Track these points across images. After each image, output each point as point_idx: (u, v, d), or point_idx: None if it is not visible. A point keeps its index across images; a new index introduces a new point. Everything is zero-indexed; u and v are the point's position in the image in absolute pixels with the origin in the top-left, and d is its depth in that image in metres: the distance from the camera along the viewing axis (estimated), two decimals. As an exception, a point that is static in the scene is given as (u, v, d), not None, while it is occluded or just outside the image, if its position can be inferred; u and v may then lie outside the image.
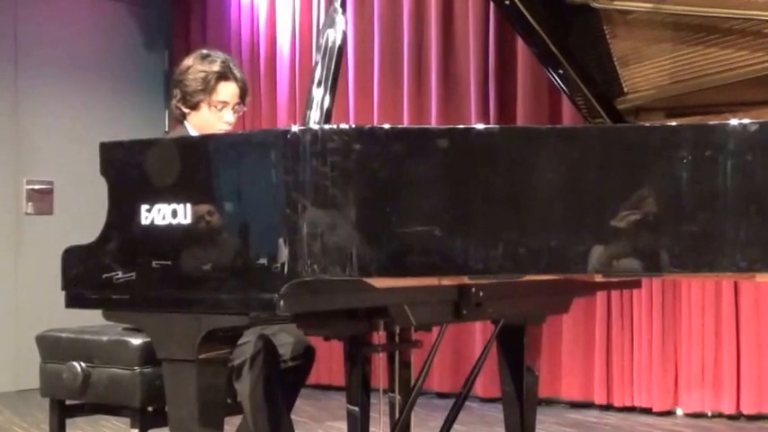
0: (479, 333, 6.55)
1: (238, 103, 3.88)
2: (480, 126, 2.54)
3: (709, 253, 2.43)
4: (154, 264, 2.61)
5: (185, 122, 3.89)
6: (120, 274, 2.65)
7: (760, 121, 2.45)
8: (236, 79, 3.88)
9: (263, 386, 3.52)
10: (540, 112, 6.52)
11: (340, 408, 3.19)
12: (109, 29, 8.10)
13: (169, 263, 2.59)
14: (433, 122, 6.82)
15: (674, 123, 2.70)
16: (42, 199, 7.58)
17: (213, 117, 3.83)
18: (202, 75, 3.83)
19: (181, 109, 3.87)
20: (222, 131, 3.79)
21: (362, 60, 7.33)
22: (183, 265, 2.57)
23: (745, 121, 2.45)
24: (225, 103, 3.84)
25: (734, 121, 2.46)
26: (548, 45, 3.52)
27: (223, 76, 3.84)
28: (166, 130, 8.18)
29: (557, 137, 2.53)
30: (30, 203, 7.52)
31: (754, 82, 3.35)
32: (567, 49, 3.56)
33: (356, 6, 7.32)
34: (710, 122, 2.49)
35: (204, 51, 3.94)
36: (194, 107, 3.85)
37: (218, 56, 3.91)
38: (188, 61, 3.90)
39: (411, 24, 7.10)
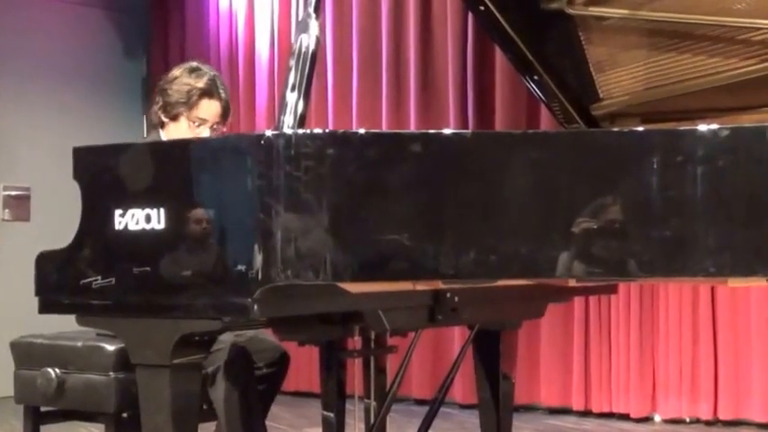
0: (458, 340, 6.56)
1: (218, 123, 3.87)
2: (452, 131, 2.54)
3: (679, 258, 2.44)
4: (131, 269, 2.60)
5: (161, 130, 3.88)
6: (99, 280, 2.64)
7: (730, 126, 2.46)
8: (219, 98, 3.85)
9: (237, 393, 3.51)
10: (518, 117, 6.53)
11: (317, 415, 3.19)
12: (87, 35, 8.09)
13: (143, 268, 2.59)
14: (412, 128, 6.83)
15: (644, 128, 2.70)
16: (19, 205, 7.55)
17: (189, 132, 3.81)
18: (186, 88, 3.81)
19: (160, 117, 3.87)
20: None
21: (341, 66, 7.34)
22: (157, 269, 2.57)
23: (715, 126, 2.46)
24: (204, 121, 3.82)
25: (704, 127, 2.47)
26: (523, 51, 3.53)
27: (207, 93, 3.83)
28: (145, 136, 8.16)
29: (528, 142, 2.54)
30: (6, 210, 7.49)
31: (727, 88, 3.37)
32: (543, 55, 3.57)
33: (335, 12, 7.33)
34: (681, 128, 2.51)
35: (194, 64, 3.94)
36: (173, 118, 3.84)
37: (207, 71, 3.89)
38: (176, 71, 3.90)
39: (389, 30, 7.10)
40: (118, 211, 2.61)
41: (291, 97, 2.64)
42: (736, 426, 5.97)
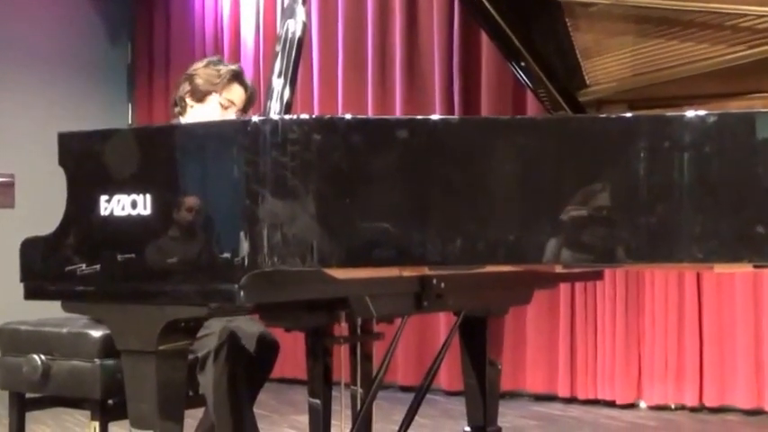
0: (444, 327, 6.56)
1: (241, 111, 3.94)
2: (439, 117, 2.54)
3: (665, 244, 2.44)
4: (117, 255, 2.59)
5: (180, 118, 3.92)
6: (84, 266, 2.63)
7: (717, 112, 2.46)
8: (245, 86, 3.96)
9: (226, 378, 3.51)
10: (504, 105, 6.53)
11: (304, 402, 3.19)
12: (71, 21, 8.05)
13: (129, 254, 2.58)
14: (398, 114, 6.81)
15: (631, 114, 2.70)
16: (4, 192, 7.52)
17: (217, 113, 3.87)
18: (218, 71, 3.91)
19: (185, 101, 3.91)
20: None
21: (327, 52, 7.32)
22: (143, 255, 2.56)
23: (702, 112, 2.46)
24: (232, 104, 3.91)
25: (691, 113, 2.47)
26: (509, 37, 3.53)
27: (237, 76, 3.93)
28: (129, 122, 8.14)
29: (514, 128, 2.54)
30: (-9, 197, 7.47)
31: (714, 75, 3.37)
32: (529, 41, 3.57)
33: (320, 0, 7.31)
34: (668, 114, 2.51)
35: (215, 58, 4.07)
36: (202, 99, 3.91)
37: (229, 64, 4.03)
38: (200, 63, 4.00)
39: (375, 18, 7.09)
40: (103, 197, 2.61)
41: (278, 83, 2.63)
42: (721, 412, 5.99)
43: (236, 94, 3.92)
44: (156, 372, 2.64)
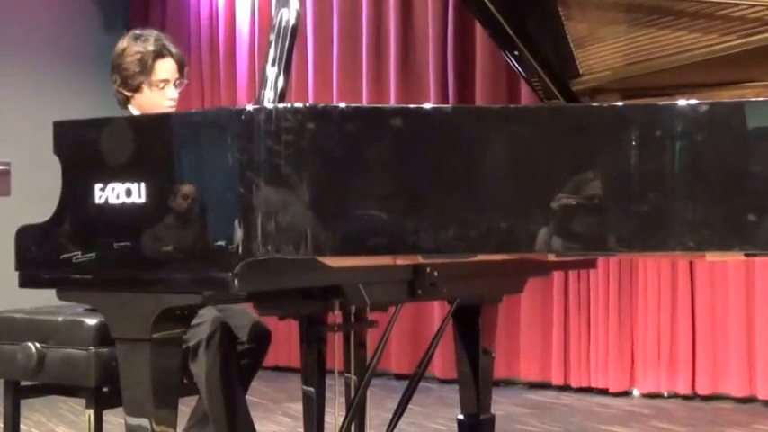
0: (438, 316, 6.57)
1: (178, 78, 3.93)
2: (432, 106, 2.55)
3: (657, 233, 2.46)
4: (112, 243, 2.60)
5: (129, 106, 3.93)
6: (79, 254, 2.64)
7: (709, 101, 2.47)
8: (171, 55, 3.91)
9: (219, 367, 3.51)
10: (498, 94, 6.54)
11: (298, 390, 3.20)
12: (67, 9, 8.04)
13: (124, 242, 2.59)
14: (392, 103, 6.83)
15: (623, 104, 2.71)
16: (-1, 180, 7.51)
17: (156, 95, 3.88)
18: (138, 56, 3.86)
19: (123, 93, 3.91)
20: (168, 108, 3.85)
21: (321, 41, 7.32)
22: (138, 243, 2.57)
23: (694, 101, 2.47)
24: (165, 81, 3.90)
25: (683, 102, 2.48)
26: (503, 26, 3.53)
27: (159, 54, 3.88)
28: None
29: (508, 117, 2.55)
30: (-14, 185, 7.45)
31: (706, 64, 3.38)
32: (523, 30, 3.57)
33: (316, -12, 7.31)
34: (660, 103, 2.52)
35: (137, 32, 3.98)
36: (136, 90, 3.90)
37: (151, 33, 3.94)
38: (122, 44, 3.94)
39: (370, 7, 7.09)
40: (98, 186, 2.62)
41: (272, 72, 2.63)
42: (713, 400, 6.01)
43: (164, 70, 3.88)
44: (150, 360, 2.66)
